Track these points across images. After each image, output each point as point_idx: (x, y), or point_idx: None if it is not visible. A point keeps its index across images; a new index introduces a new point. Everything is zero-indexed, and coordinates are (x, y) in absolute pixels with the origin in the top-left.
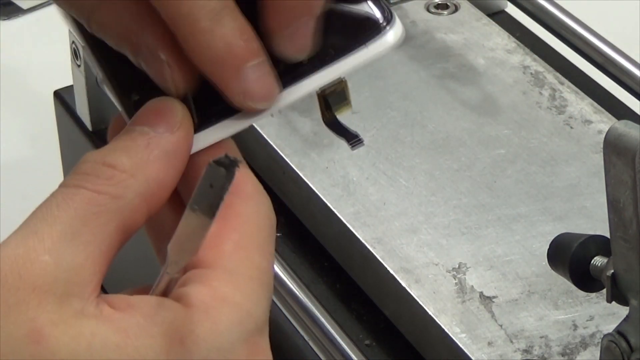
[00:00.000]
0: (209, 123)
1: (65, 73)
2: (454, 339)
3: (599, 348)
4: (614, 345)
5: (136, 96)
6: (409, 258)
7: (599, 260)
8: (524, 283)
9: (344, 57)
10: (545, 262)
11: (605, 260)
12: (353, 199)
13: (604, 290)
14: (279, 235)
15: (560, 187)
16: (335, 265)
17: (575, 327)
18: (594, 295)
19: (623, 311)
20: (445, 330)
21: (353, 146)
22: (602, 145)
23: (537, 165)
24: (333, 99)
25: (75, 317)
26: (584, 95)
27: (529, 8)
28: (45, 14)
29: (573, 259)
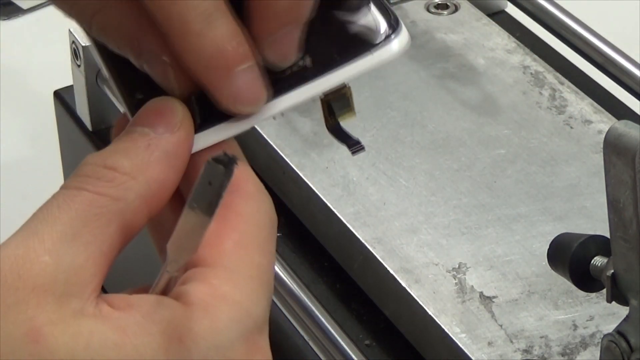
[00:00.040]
0: (211, 123)
1: (65, 73)
2: (454, 339)
3: (599, 348)
4: (614, 345)
5: (140, 95)
6: (409, 258)
7: (599, 260)
8: (524, 283)
9: (349, 63)
10: (545, 262)
11: (605, 260)
12: (353, 199)
13: (604, 290)
14: (279, 235)
15: (560, 187)
16: (335, 265)
17: (575, 327)
18: (594, 295)
19: (623, 311)
20: (445, 330)
21: (354, 152)
22: (602, 145)
23: (537, 165)
24: (337, 106)
25: (74, 317)
26: (584, 95)
27: (529, 8)
28: (45, 14)
29: (573, 259)
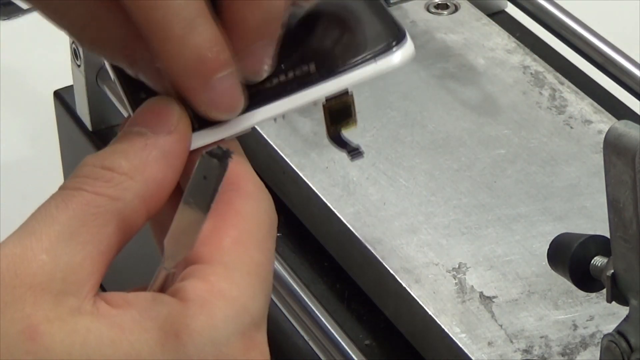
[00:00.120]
0: (211, 122)
1: (65, 73)
2: (454, 339)
3: (599, 348)
4: (614, 345)
5: (144, 94)
6: (409, 258)
7: (599, 260)
8: (524, 283)
9: (352, 70)
10: (545, 262)
11: (605, 260)
12: (353, 199)
13: (604, 290)
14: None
15: (560, 187)
16: (335, 265)
17: (575, 327)
18: (594, 295)
19: (623, 311)
20: (445, 330)
21: (353, 157)
22: (602, 145)
23: (537, 165)
24: (339, 115)
25: (71, 315)
26: (584, 95)
27: (529, 8)
28: None
29: (573, 259)
